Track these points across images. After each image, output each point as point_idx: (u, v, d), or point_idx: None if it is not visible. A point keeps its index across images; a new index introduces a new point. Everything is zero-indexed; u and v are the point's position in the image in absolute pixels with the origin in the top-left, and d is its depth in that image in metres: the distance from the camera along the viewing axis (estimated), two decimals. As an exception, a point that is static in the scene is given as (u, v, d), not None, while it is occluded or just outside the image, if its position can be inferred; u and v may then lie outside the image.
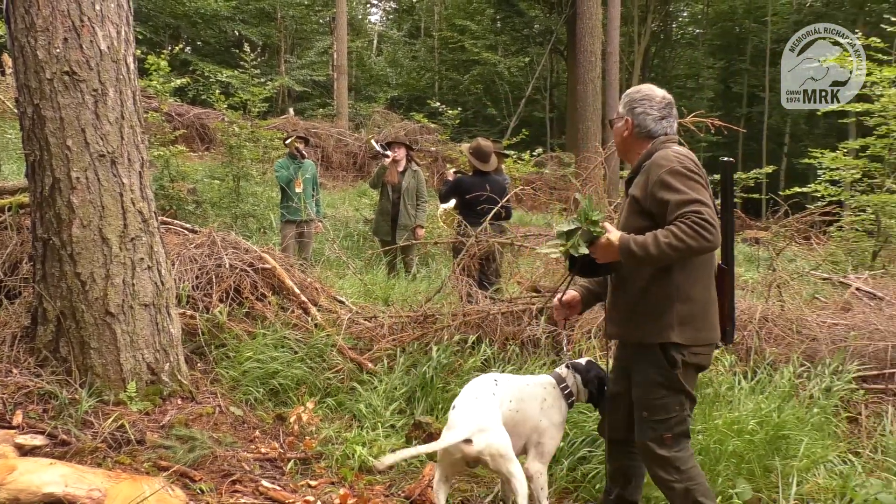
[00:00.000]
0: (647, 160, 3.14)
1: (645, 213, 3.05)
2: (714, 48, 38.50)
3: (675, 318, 3.02)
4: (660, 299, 3.04)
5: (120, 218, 4.08)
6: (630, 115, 3.24)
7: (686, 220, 2.80)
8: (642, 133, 3.23)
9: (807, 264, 9.56)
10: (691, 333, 3.04)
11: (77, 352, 4.04)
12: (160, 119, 12.05)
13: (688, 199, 2.85)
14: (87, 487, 3.07)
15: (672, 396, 3.08)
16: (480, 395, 3.36)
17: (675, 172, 2.94)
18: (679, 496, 3.07)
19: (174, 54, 15.50)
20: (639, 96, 3.26)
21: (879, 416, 4.86)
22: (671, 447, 3.09)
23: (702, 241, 2.79)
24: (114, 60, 4.06)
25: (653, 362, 3.08)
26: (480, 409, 3.27)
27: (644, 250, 2.85)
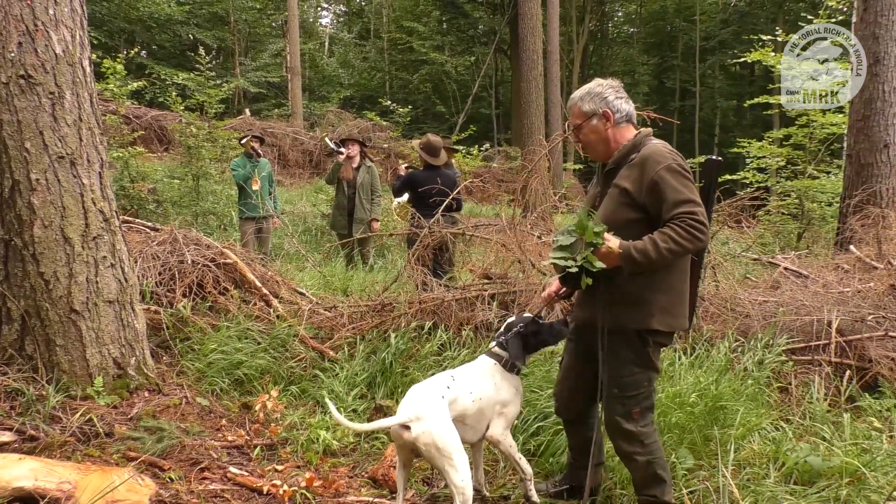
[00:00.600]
0: (633, 152, 3.09)
1: (637, 205, 3.02)
2: (648, 46, 39.09)
3: (656, 308, 3.04)
4: (643, 289, 3.03)
5: (81, 218, 3.97)
6: (606, 106, 3.14)
7: (682, 223, 2.83)
8: (623, 118, 3.17)
9: (738, 247, 9.77)
10: (669, 321, 3.07)
11: (43, 349, 3.93)
12: (118, 121, 11.79)
13: (683, 198, 2.87)
14: (57, 480, 3.00)
15: (642, 373, 3.13)
16: (431, 388, 3.24)
17: (672, 170, 2.93)
18: (641, 468, 3.13)
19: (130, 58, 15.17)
20: (603, 87, 3.18)
21: (807, 385, 5.00)
22: (638, 422, 3.14)
23: (697, 243, 2.86)
24: (69, 64, 3.95)
25: (627, 344, 3.10)
26: (424, 398, 3.14)
27: (645, 257, 2.86)
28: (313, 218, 13.93)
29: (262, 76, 29.12)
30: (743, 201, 7.23)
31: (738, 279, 7.12)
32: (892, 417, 4.75)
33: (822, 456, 3.90)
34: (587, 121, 3.17)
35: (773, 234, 12.12)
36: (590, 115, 3.16)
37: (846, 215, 8.93)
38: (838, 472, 3.76)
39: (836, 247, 9.16)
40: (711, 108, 35.09)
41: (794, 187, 12.43)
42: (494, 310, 5.35)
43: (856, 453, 3.96)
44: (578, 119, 3.19)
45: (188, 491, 3.32)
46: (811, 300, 5.87)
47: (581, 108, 3.18)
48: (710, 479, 3.59)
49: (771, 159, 13.54)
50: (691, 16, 34.86)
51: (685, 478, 3.65)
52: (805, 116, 12.48)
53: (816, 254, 9.57)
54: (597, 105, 3.15)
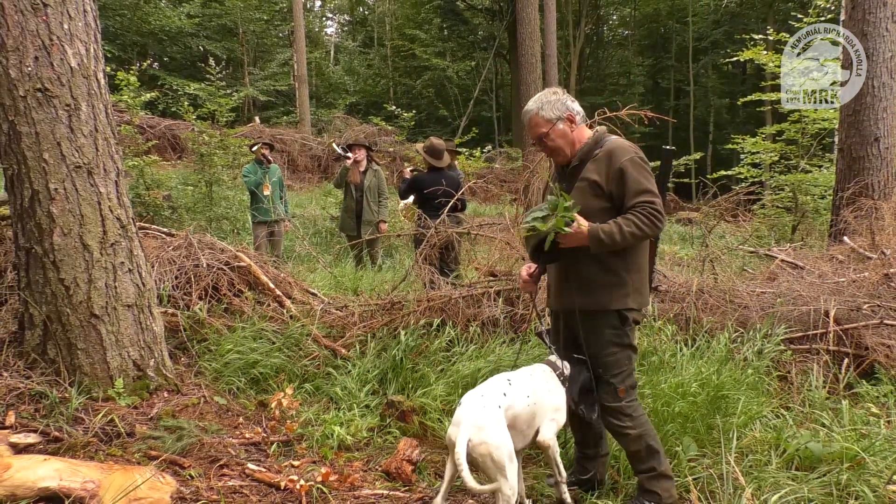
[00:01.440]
0: (596, 148, 3.26)
1: (605, 195, 3.18)
2: (642, 47, 38.98)
3: (630, 287, 3.22)
4: (617, 270, 3.21)
5: (99, 225, 3.96)
6: (568, 110, 3.30)
7: (643, 211, 3.05)
8: (581, 118, 3.35)
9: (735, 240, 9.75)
10: (641, 299, 3.28)
11: (65, 353, 3.92)
12: (133, 131, 11.79)
13: (644, 189, 3.09)
14: (81, 480, 2.99)
15: (622, 352, 3.27)
16: (488, 397, 3.08)
17: (635, 162, 3.15)
18: (633, 441, 3.23)
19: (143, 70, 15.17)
20: (558, 95, 3.35)
21: (806, 373, 4.97)
22: (623, 399, 3.26)
23: (655, 229, 3.10)
24: (84, 76, 3.94)
25: (608, 325, 3.24)
26: (483, 408, 3.01)
27: (611, 238, 3.05)
28: (323, 221, 13.92)
29: (270, 85, 29.14)
30: (739, 196, 7.20)
31: (735, 271, 7.10)
32: (889, 403, 4.72)
33: (823, 442, 3.88)
34: (553, 127, 3.29)
35: (769, 227, 12.08)
36: (555, 121, 3.29)
37: (839, 207, 8.89)
38: (838, 457, 3.73)
39: (830, 238, 9.12)
40: (705, 107, 34.95)
41: (787, 181, 12.38)
42: (500, 306, 5.33)
43: (855, 439, 3.93)
44: (544, 127, 3.30)
45: (208, 487, 3.31)
46: (808, 291, 5.83)
47: (545, 117, 3.30)
48: (714, 467, 3.57)
49: (765, 154, 13.51)
50: (684, 17, 34.71)
51: (690, 465, 3.63)
52: (797, 112, 12.43)
53: (811, 245, 9.53)
54: (560, 111, 3.29)
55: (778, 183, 12.77)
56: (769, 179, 13.21)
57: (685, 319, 5.42)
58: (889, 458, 3.79)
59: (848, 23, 8.99)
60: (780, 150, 13.17)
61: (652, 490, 3.21)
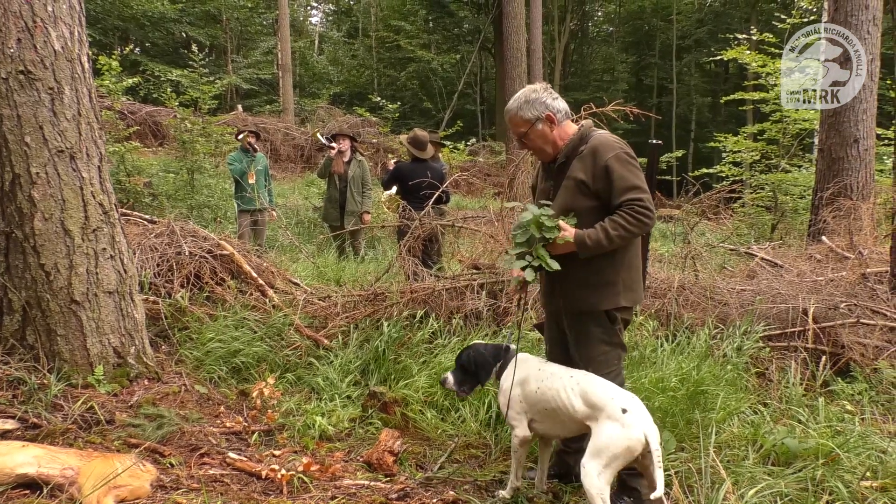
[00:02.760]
0: (581, 145, 3.19)
1: (592, 194, 3.12)
2: (626, 44, 39.12)
3: (621, 285, 3.18)
4: (610, 270, 3.15)
5: (81, 210, 3.92)
6: (547, 109, 3.21)
7: (630, 209, 2.99)
8: (563, 116, 3.26)
9: (716, 238, 9.83)
10: (633, 296, 3.24)
11: (44, 339, 3.88)
12: (114, 117, 11.65)
13: (631, 185, 3.02)
14: (60, 467, 2.97)
15: (612, 351, 3.24)
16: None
17: (620, 158, 3.07)
18: None
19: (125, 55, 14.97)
20: (538, 93, 3.25)
21: (784, 370, 5.04)
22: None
23: (643, 227, 3.05)
24: (68, 60, 3.88)
25: (598, 323, 3.21)
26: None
27: (597, 244, 3.00)
28: (305, 211, 13.85)
29: (253, 73, 28.89)
30: (720, 194, 7.26)
31: (716, 269, 7.16)
32: (864, 401, 4.79)
33: (799, 438, 3.93)
34: (532, 127, 3.23)
35: (749, 225, 12.21)
36: (533, 121, 3.21)
37: (818, 207, 9.00)
38: (814, 453, 3.78)
39: (808, 238, 9.23)
40: (687, 105, 35.20)
41: (768, 180, 12.52)
42: (483, 298, 5.34)
43: (830, 435, 3.99)
44: (523, 127, 3.24)
45: (188, 476, 3.29)
46: (786, 289, 5.90)
47: (523, 117, 3.23)
48: (693, 461, 3.61)
49: (746, 153, 13.63)
50: (668, 15, 34.90)
51: (669, 459, 3.67)
52: (778, 112, 12.56)
53: (790, 244, 9.64)
54: (539, 111, 3.21)
55: (758, 182, 12.91)
56: (750, 178, 13.34)
57: (666, 315, 5.46)
58: (863, 454, 3.85)
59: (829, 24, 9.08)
60: (761, 150, 13.29)
61: (632, 487, 3.22)
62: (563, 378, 3.12)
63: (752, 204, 12.85)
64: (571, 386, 3.07)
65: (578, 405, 3.02)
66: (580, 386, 3.05)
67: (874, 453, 3.88)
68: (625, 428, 2.85)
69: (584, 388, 3.03)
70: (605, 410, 2.92)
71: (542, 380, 3.18)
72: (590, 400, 2.99)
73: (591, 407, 2.98)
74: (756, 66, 12.71)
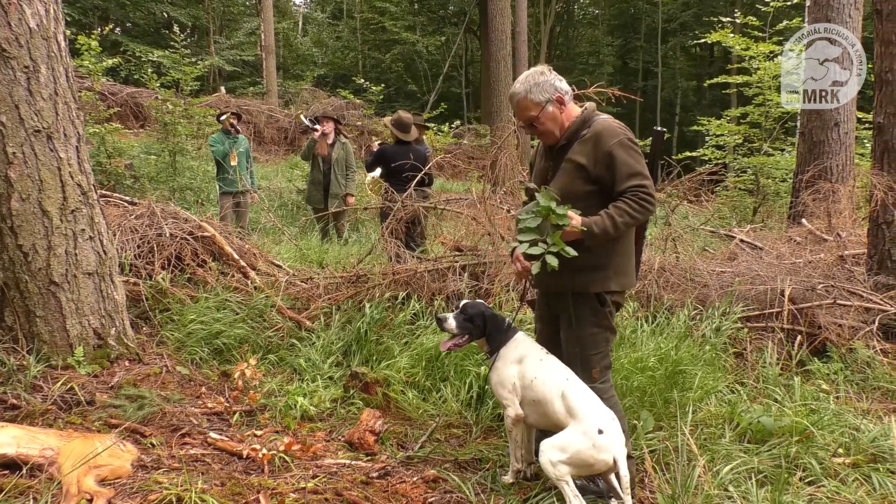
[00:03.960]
0: (583, 128, 3.14)
1: (592, 179, 3.09)
2: (612, 27, 39.06)
3: (612, 270, 3.16)
4: (604, 254, 3.12)
5: (59, 191, 3.89)
6: (557, 91, 3.15)
7: (634, 196, 2.98)
8: (570, 97, 3.22)
9: (697, 220, 9.88)
10: (624, 280, 3.23)
11: (23, 320, 3.86)
12: (94, 98, 11.52)
13: (635, 171, 3.00)
14: (39, 447, 2.97)
15: (601, 333, 3.24)
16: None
17: (624, 145, 3.03)
18: None
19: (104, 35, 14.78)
20: (546, 75, 3.19)
21: (761, 350, 5.11)
22: (597, 381, 3.24)
23: (647, 214, 3.04)
24: (44, 38, 3.83)
25: (588, 305, 3.20)
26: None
27: (605, 232, 2.98)
28: (289, 193, 13.79)
29: (236, 55, 28.63)
30: (702, 176, 7.30)
31: (697, 251, 7.21)
32: (839, 380, 4.88)
33: (774, 416, 4.00)
34: (543, 110, 3.16)
35: (731, 208, 12.30)
36: (544, 104, 3.15)
37: (799, 190, 9.07)
38: (788, 431, 3.85)
39: (789, 220, 9.32)
40: (672, 88, 35.27)
41: (750, 164, 12.59)
42: (465, 280, 5.36)
43: (805, 413, 4.07)
44: (533, 111, 3.16)
45: (169, 456, 3.30)
46: (765, 271, 5.97)
47: (533, 100, 3.15)
48: (670, 440, 3.66)
49: (729, 137, 13.70)
50: (654, -2, 34.90)
51: (646, 438, 3.72)
52: (761, 96, 12.62)
53: (771, 227, 9.73)
54: (549, 93, 3.14)
55: (741, 165, 12.99)
56: (732, 161, 13.42)
57: (647, 296, 5.51)
58: (836, 432, 3.93)
59: (813, 8, 9.12)
60: (743, 133, 13.36)
61: None
62: (559, 379, 3.12)
63: (735, 187, 12.94)
64: (562, 390, 3.08)
65: (561, 409, 3.07)
66: (569, 393, 3.06)
67: (847, 431, 3.96)
68: (596, 448, 2.91)
69: (571, 396, 3.05)
70: (582, 425, 2.97)
71: (541, 373, 3.17)
72: (572, 409, 3.03)
73: (572, 416, 3.03)
74: (739, 50, 12.74)
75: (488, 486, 3.29)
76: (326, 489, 3.11)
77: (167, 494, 2.83)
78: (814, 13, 9.14)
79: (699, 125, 14.93)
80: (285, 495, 3.01)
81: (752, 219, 11.45)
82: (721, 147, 14.25)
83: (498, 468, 3.46)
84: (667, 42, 35.11)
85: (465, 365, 4.46)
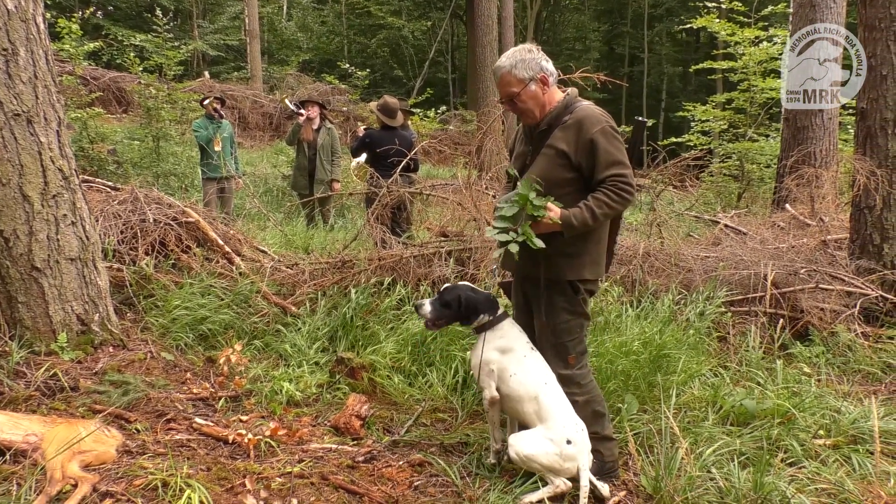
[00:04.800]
0: (565, 114, 3.11)
1: (573, 166, 3.07)
2: (598, 13, 38.96)
3: (588, 258, 3.16)
4: (580, 243, 3.12)
5: (40, 176, 3.84)
6: (542, 71, 3.11)
7: (613, 186, 2.98)
8: (555, 80, 3.17)
9: (682, 205, 9.94)
10: (597, 269, 3.23)
11: (5, 306, 3.83)
12: (75, 82, 11.38)
13: (614, 160, 2.99)
14: (23, 433, 2.95)
15: (575, 320, 3.24)
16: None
17: (606, 133, 3.01)
18: (581, 408, 3.21)
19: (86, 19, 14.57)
20: (533, 53, 3.14)
21: (744, 334, 5.16)
22: (573, 367, 3.25)
23: (626, 203, 3.04)
24: (22, 20, 3.78)
25: (561, 293, 3.20)
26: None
27: (584, 224, 3.00)
28: (274, 179, 13.72)
29: (220, 39, 28.34)
30: (686, 161, 7.33)
31: (681, 236, 7.26)
32: (820, 363, 4.94)
33: (757, 399, 4.05)
34: (525, 87, 3.11)
35: (715, 193, 12.37)
36: (527, 82, 3.10)
37: (782, 175, 9.14)
38: (771, 413, 3.90)
39: (773, 205, 9.39)
40: (658, 74, 35.29)
41: (735, 149, 12.65)
42: (451, 266, 5.36)
43: (787, 396, 4.12)
44: (515, 87, 3.11)
45: (154, 441, 3.29)
46: (749, 255, 6.02)
47: (517, 76, 3.10)
48: (654, 422, 3.70)
49: (714, 122, 13.75)
50: (640, -17, 34.82)
51: (630, 421, 3.75)
52: (746, 81, 12.67)
53: (755, 212, 9.80)
54: (534, 71, 3.10)
55: (726, 151, 13.05)
56: (718, 147, 13.48)
57: (631, 281, 5.55)
58: (817, 414, 3.99)
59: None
60: (729, 119, 13.41)
61: (595, 449, 3.26)
62: (537, 382, 3.12)
63: (720, 172, 13.01)
64: (537, 393, 3.10)
65: (531, 411, 3.11)
66: (543, 398, 3.09)
67: (828, 413, 4.02)
68: (562, 457, 2.99)
69: (545, 402, 3.08)
70: (552, 433, 3.02)
71: (521, 371, 3.16)
72: (543, 415, 3.08)
73: (542, 421, 3.08)
74: (725, 35, 12.77)
75: (473, 470, 3.32)
76: (312, 473, 3.12)
77: (152, 479, 2.83)
78: (798, 1, 9.17)
79: (685, 111, 14.99)
80: (271, 479, 3.02)
81: (736, 204, 11.52)
82: (706, 133, 14.30)
83: (483, 451, 3.48)
84: (653, 27, 35.09)
85: (451, 350, 4.47)
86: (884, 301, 5.62)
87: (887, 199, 5.81)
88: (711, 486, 3.12)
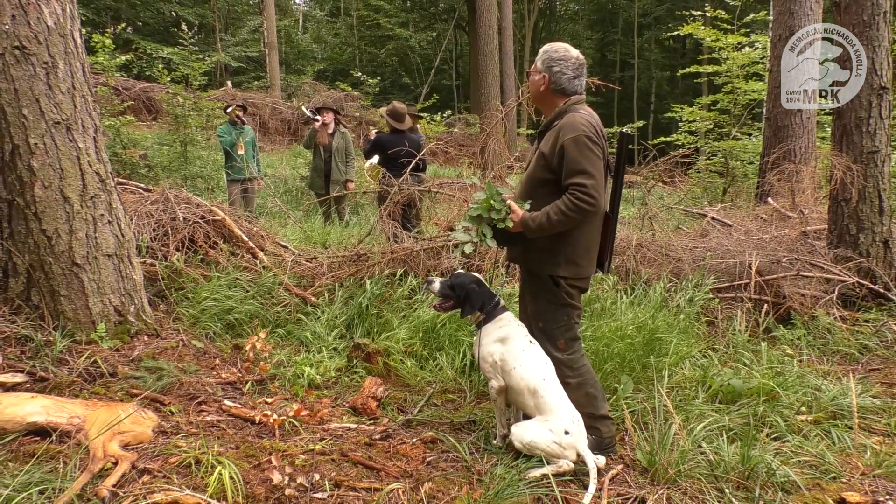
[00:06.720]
0: (558, 119, 3.11)
1: (551, 168, 3.06)
2: (591, 22, 38.82)
3: (563, 257, 3.12)
4: (553, 241, 3.10)
5: (79, 178, 3.86)
6: (547, 73, 3.15)
7: (572, 195, 2.92)
8: (557, 90, 3.16)
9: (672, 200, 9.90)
10: (574, 269, 3.14)
11: (48, 299, 3.84)
12: (109, 92, 11.40)
13: (578, 169, 2.92)
14: (67, 415, 2.97)
15: (559, 310, 3.20)
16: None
17: (577, 142, 2.94)
18: (575, 389, 3.19)
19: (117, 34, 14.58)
20: (557, 56, 3.15)
21: (731, 318, 5.15)
22: (565, 351, 3.22)
23: (582, 213, 2.93)
24: (61, 35, 3.78)
25: (542, 285, 3.20)
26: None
27: (540, 228, 3.00)
28: (293, 180, 13.72)
29: (241, 51, 28.30)
30: (675, 158, 7.30)
31: (671, 228, 7.24)
32: (802, 345, 4.93)
33: (743, 379, 4.04)
34: (535, 73, 3.24)
35: (702, 188, 12.32)
36: (538, 71, 3.22)
37: (765, 171, 9.09)
38: (756, 391, 3.90)
39: (756, 199, 9.34)
40: (648, 79, 35.13)
41: (720, 147, 12.60)
42: (458, 257, 5.36)
43: (771, 376, 4.11)
44: (533, 71, 3.25)
45: (187, 422, 3.31)
46: (735, 246, 6.00)
47: (537, 62, 3.23)
48: (648, 401, 3.69)
49: (700, 123, 13.69)
50: (631, -6, 34.61)
51: (626, 400, 3.75)
52: (730, 84, 12.60)
53: (739, 206, 9.74)
54: (544, 67, 3.19)
55: (711, 149, 13.00)
56: (704, 146, 13.42)
57: (625, 271, 5.53)
58: (800, 392, 3.98)
59: (777, 1, 9.08)
60: (714, 119, 13.36)
61: (594, 427, 3.25)
62: (536, 377, 3.09)
63: (706, 169, 12.96)
64: (536, 388, 3.08)
65: (530, 404, 3.10)
66: (541, 392, 3.07)
67: (809, 391, 4.01)
68: (561, 447, 2.97)
69: (543, 396, 3.06)
70: (550, 423, 3.00)
71: (520, 365, 3.13)
72: (542, 408, 3.06)
73: (540, 412, 3.07)
74: (710, 41, 12.70)
75: (481, 446, 3.32)
76: (333, 450, 3.13)
77: (186, 457, 2.84)
78: (778, 6, 9.11)
79: (673, 112, 14.93)
80: (295, 456, 3.03)
81: (722, 198, 11.47)
82: (693, 132, 14.25)
83: (490, 429, 3.49)
84: (642, 35, 34.90)
85: (459, 336, 4.48)
86: (860, 287, 5.60)
87: (862, 193, 5.78)
88: (702, 460, 3.12)
